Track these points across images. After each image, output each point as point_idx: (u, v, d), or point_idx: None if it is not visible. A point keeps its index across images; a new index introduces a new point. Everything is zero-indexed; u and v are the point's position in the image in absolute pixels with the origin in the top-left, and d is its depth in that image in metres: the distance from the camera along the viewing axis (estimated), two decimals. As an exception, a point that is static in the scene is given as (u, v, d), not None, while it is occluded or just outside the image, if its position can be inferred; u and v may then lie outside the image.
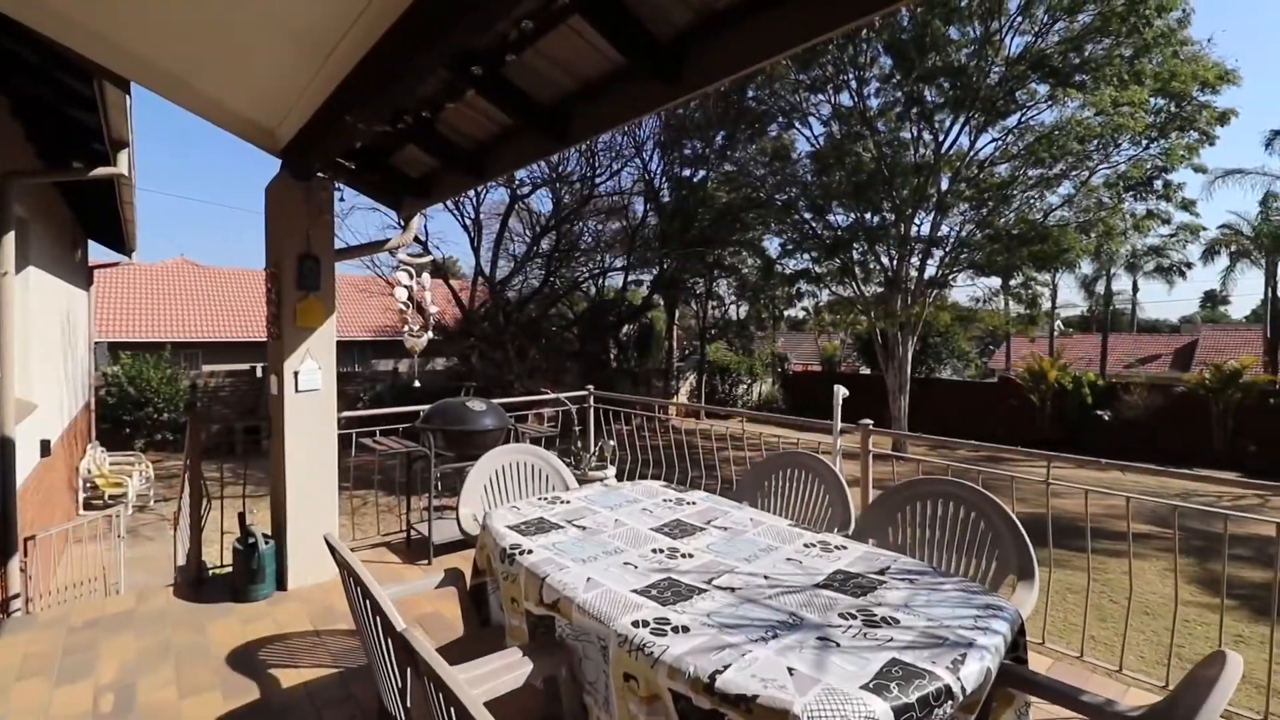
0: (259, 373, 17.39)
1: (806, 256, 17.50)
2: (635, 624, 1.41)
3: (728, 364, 23.19)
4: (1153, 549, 8.85)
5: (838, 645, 1.32)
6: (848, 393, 3.44)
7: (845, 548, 1.93)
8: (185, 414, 14.52)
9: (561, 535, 2.02)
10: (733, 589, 1.63)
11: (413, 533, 4.28)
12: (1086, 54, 11.94)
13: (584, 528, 2.10)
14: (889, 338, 16.26)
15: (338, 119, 2.48)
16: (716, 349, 24.30)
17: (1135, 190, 12.42)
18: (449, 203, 15.92)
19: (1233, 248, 22.15)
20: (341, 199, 4.15)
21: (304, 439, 3.48)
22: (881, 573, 1.73)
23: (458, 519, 2.55)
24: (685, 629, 1.39)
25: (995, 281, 16.60)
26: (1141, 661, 5.71)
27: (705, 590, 1.62)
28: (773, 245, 18.74)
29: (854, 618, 1.45)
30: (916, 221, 15.02)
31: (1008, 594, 1.91)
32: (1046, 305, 28.75)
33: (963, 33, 13.12)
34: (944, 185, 14.35)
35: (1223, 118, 11.67)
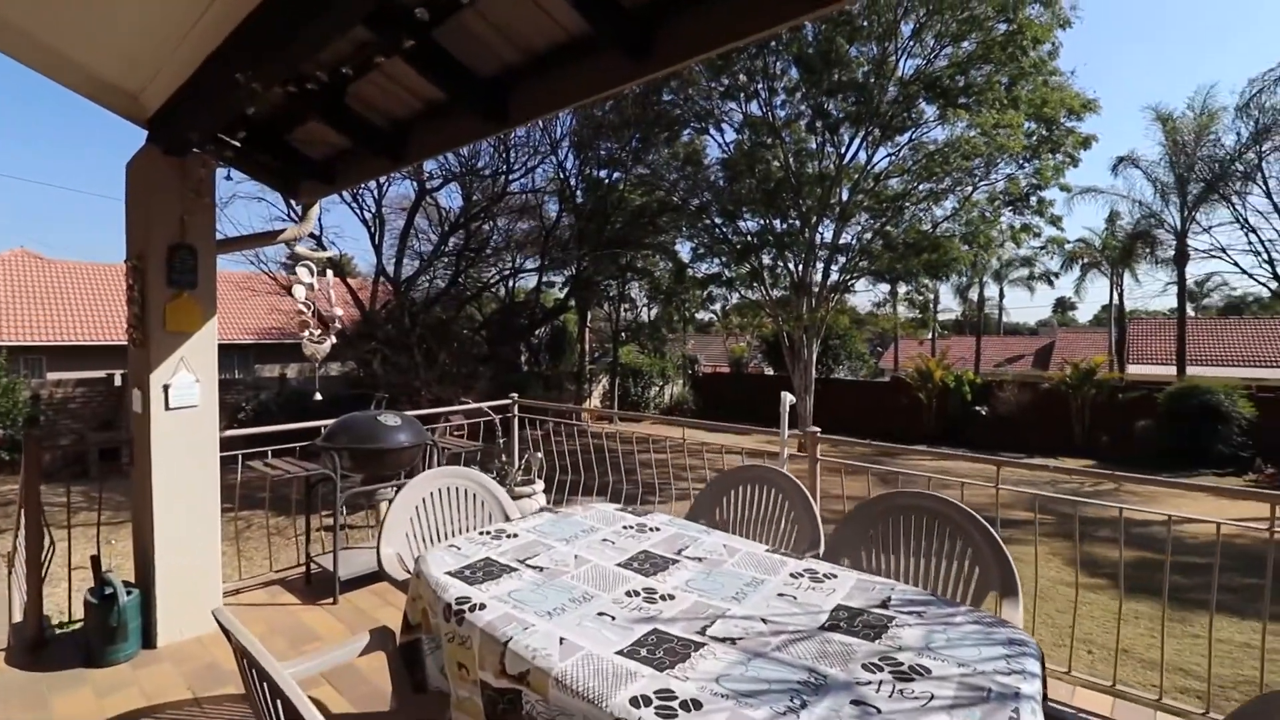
0: (117, 380, 15.32)
1: (717, 261, 17.81)
2: (634, 702, 1.15)
3: (640, 366, 23.19)
4: (1032, 534, 9.52)
5: (878, 710, 1.13)
6: (794, 399, 3.33)
7: (835, 576, 1.77)
8: (25, 430, 12.51)
9: (517, 581, 1.71)
10: (732, 640, 1.40)
11: (313, 565, 3.75)
12: (970, 78, 12.88)
13: (541, 568, 1.80)
14: (795, 340, 16.82)
15: (222, 80, 2.03)
16: (628, 351, 24.27)
17: (1013, 205, 13.58)
18: (346, 194, 14.78)
19: (1084, 260, 24.91)
20: (229, 177, 3.58)
21: (177, 466, 2.91)
22: (884, 605, 1.57)
23: (378, 559, 2.17)
24: (696, 704, 1.15)
25: (889, 287, 17.61)
26: (1042, 644, 6.10)
27: (702, 644, 1.38)
28: (684, 249, 18.97)
29: (880, 669, 1.27)
30: (820, 230, 15.64)
31: (992, 611, 1.83)
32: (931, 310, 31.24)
33: (861, 52, 13.79)
34: (845, 196, 15.04)
35: (1085, 142, 12.99)
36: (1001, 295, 41.13)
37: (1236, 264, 17.59)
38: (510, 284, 19.46)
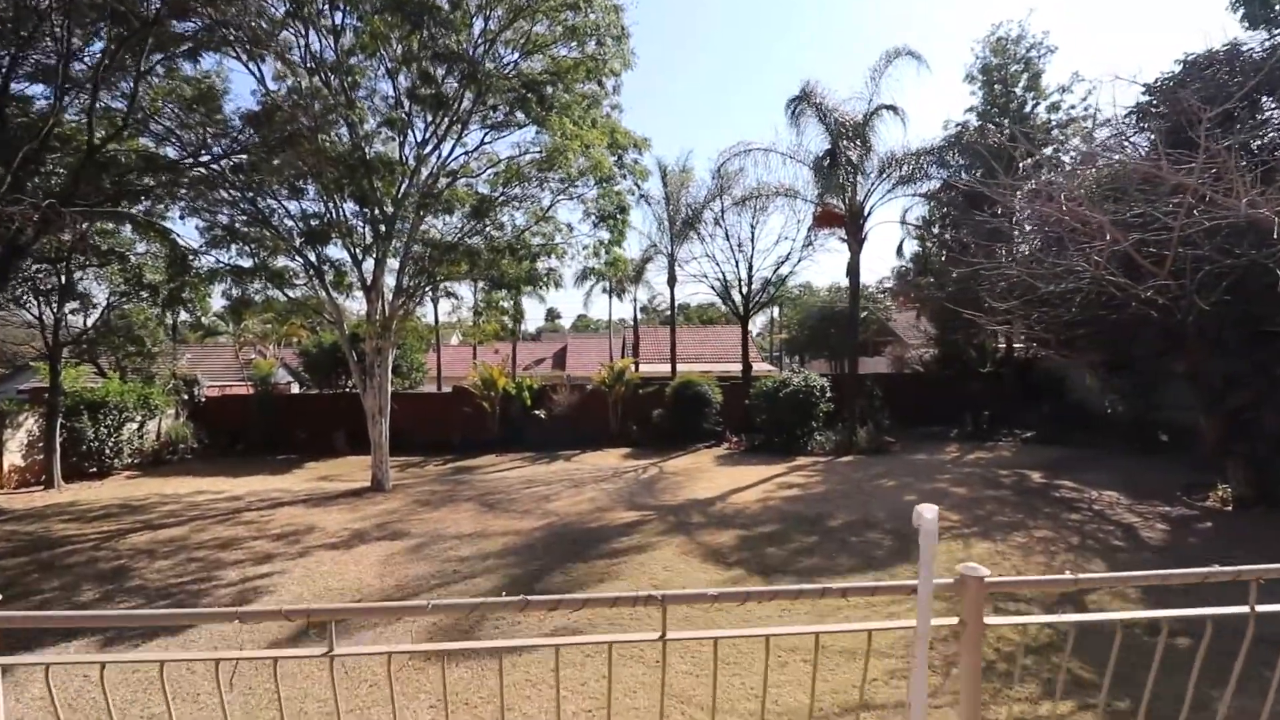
0: None
1: (244, 248, 13.16)
2: None
3: (105, 396, 15.43)
4: (653, 534, 9.90)
5: None
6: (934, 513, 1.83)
7: None
8: None
9: None
10: None
11: None
12: (552, 95, 12.85)
13: None
14: (367, 352, 13.87)
15: None
16: (77, 375, 15.90)
17: (599, 223, 14.34)
18: None
19: (594, 279, 29.31)
20: None
21: None
22: None
23: None
24: None
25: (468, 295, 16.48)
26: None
27: None
28: (188, 226, 13.40)
29: None
30: (399, 225, 13.25)
31: None
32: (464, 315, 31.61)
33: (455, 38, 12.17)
34: (417, 189, 13.11)
35: (644, 174, 14.73)
36: (520, 305, 45.49)
37: (712, 287, 23.29)
38: None
